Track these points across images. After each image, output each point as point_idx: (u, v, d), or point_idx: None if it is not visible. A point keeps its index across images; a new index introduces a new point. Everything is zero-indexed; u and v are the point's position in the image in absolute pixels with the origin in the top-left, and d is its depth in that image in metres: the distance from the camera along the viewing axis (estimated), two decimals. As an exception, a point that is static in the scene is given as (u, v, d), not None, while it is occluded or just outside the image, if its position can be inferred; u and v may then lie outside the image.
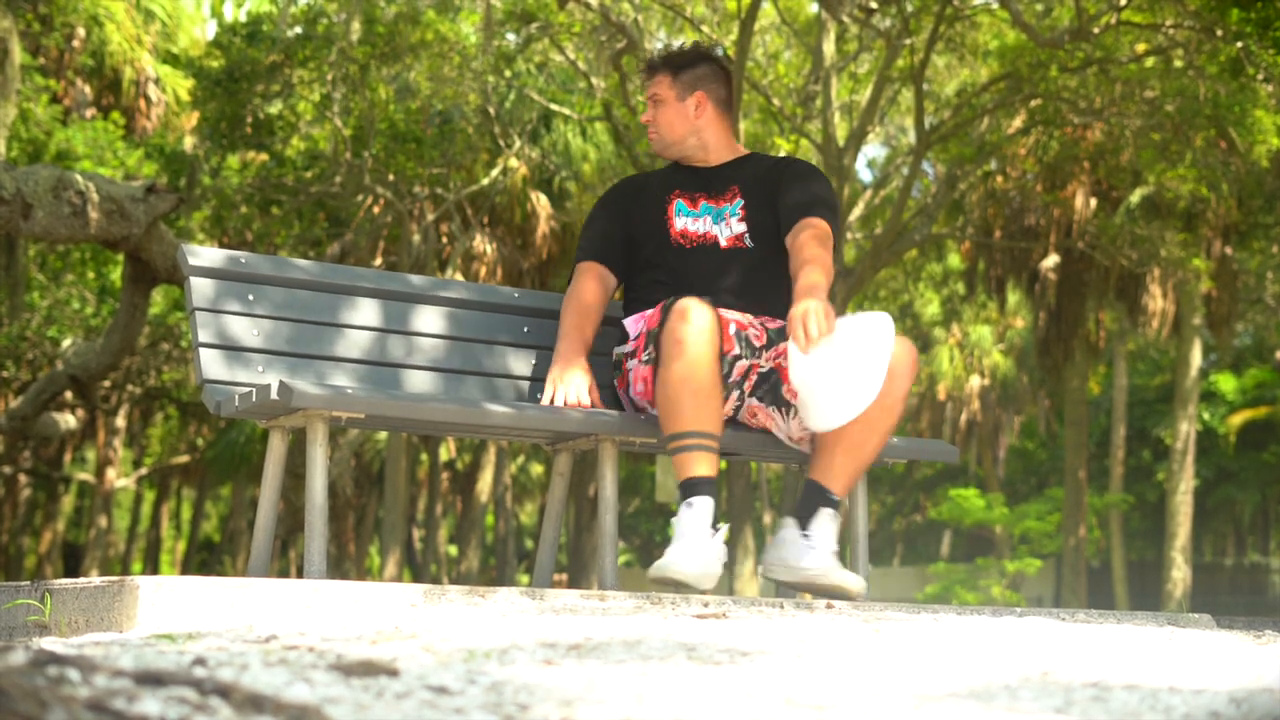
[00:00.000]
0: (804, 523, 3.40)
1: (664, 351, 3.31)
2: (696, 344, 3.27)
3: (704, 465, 3.26)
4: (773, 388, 3.55)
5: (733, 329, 3.46)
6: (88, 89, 18.40)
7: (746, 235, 3.64)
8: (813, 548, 3.37)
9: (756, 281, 3.62)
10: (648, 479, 31.80)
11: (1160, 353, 28.24)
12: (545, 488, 28.95)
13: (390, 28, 15.10)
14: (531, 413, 3.44)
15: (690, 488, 3.26)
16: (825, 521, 3.38)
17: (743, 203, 3.66)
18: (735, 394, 3.51)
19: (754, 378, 3.53)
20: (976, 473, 30.82)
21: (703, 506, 3.23)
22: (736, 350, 3.46)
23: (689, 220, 3.70)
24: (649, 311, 3.63)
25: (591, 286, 3.71)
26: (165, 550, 35.58)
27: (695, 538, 3.20)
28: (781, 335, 3.55)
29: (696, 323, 3.28)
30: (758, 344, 3.52)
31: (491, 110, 16.54)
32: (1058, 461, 30.88)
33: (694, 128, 3.74)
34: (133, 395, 21.22)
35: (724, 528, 3.26)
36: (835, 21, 14.80)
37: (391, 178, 16.30)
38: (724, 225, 3.67)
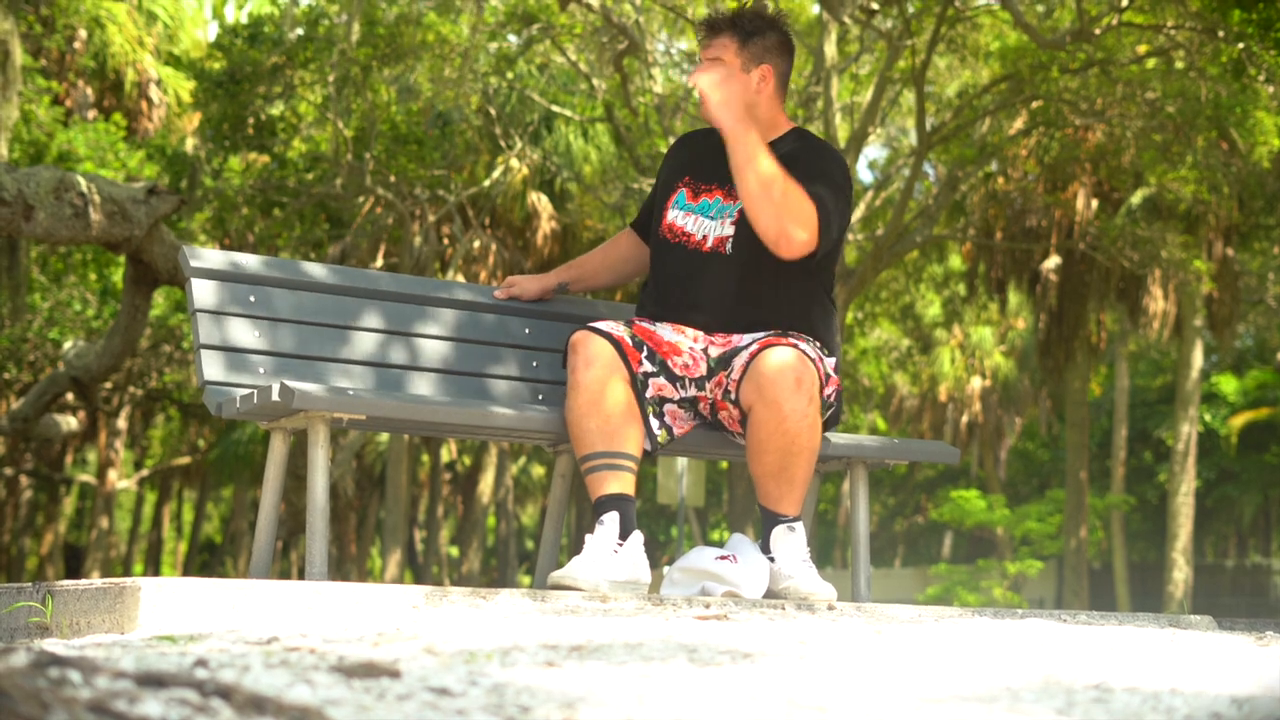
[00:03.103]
0: (765, 546, 3.48)
1: (568, 384, 3.42)
2: (593, 378, 3.36)
3: (611, 484, 3.34)
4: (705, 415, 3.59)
5: (645, 350, 3.45)
6: (89, 90, 18.40)
7: (730, 241, 3.49)
8: (778, 568, 3.45)
9: (727, 293, 3.49)
10: (649, 480, 31.79)
11: (1161, 354, 28.23)
12: (547, 489, 28.94)
13: (391, 29, 15.10)
14: (533, 414, 3.44)
15: (598, 507, 3.34)
16: (781, 538, 3.46)
17: (741, 206, 3.48)
18: (658, 407, 3.49)
19: (680, 406, 3.53)
20: (978, 474, 30.81)
21: (610, 523, 3.30)
22: (648, 368, 3.45)
23: (679, 214, 3.57)
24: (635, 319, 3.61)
25: (620, 241, 3.86)
26: (167, 552, 35.60)
27: (597, 551, 3.27)
28: (724, 363, 3.48)
29: (591, 357, 3.38)
30: (683, 373, 3.49)
31: (493, 111, 16.54)
32: (1059, 463, 30.87)
33: (752, 102, 3.49)
34: (134, 397, 21.23)
35: (635, 535, 3.32)
36: (836, 23, 14.79)
37: (393, 179, 16.30)
38: (718, 224, 3.51)
